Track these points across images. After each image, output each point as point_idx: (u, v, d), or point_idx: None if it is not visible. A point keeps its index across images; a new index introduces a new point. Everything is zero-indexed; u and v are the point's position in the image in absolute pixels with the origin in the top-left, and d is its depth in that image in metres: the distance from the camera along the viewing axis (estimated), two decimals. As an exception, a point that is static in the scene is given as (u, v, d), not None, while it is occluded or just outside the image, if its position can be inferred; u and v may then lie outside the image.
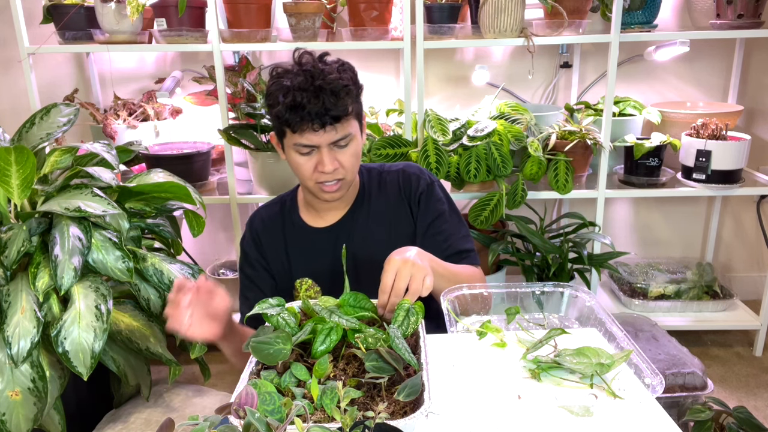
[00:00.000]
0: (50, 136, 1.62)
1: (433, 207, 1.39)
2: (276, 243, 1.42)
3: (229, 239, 2.78)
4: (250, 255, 1.43)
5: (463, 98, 2.57)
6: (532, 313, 1.20)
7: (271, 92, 1.24)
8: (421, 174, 1.42)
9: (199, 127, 2.54)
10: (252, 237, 1.44)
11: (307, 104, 1.18)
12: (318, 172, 1.27)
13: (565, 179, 2.14)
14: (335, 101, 1.20)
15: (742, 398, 2.16)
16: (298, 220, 1.42)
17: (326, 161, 1.25)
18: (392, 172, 1.44)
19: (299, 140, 1.24)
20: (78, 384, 1.55)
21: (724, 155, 2.14)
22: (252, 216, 1.47)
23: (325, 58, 1.27)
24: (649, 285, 2.47)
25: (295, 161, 1.29)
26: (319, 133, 1.22)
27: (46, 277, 1.41)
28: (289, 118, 1.21)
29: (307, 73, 1.21)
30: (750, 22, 2.12)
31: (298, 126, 1.21)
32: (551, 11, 2.13)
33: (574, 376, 0.96)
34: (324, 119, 1.20)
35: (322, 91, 1.19)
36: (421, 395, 0.82)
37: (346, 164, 1.28)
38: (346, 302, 1.03)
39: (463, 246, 1.39)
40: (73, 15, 2.13)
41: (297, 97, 1.19)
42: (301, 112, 1.19)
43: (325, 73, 1.21)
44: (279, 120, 1.24)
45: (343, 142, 1.26)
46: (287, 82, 1.21)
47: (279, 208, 1.46)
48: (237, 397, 0.75)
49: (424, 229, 1.39)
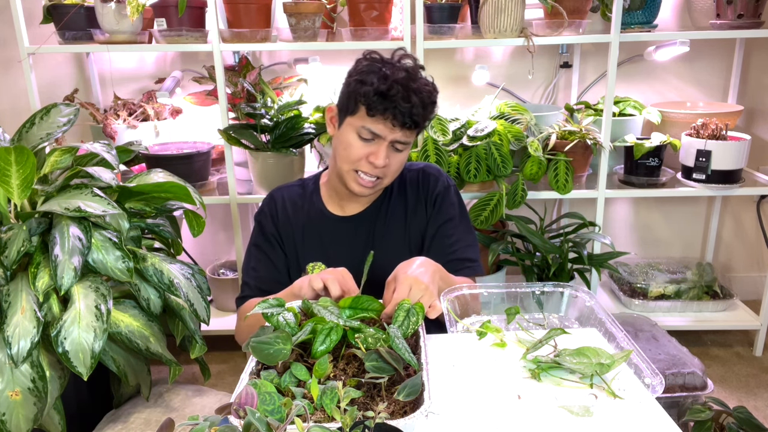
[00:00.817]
0: (50, 136, 1.61)
1: (445, 210, 1.42)
2: (293, 222, 1.43)
3: (229, 239, 2.78)
4: (266, 228, 1.44)
5: (463, 98, 2.57)
6: (532, 313, 1.20)
7: (364, 71, 1.27)
8: (440, 176, 1.46)
9: (199, 127, 2.54)
10: (270, 211, 1.45)
11: (399, 99, 1.23)
12: (366, 161, 1.30)
13: (565, 179, 2.14)
14: (422, 110, 1.26)
15: (742, 398, 2.16)
16: (319, 205, 1.45)
17: (381, 155, 1.29)
18: (413, 171, 1.47)
19: (370, 125, 1.27)
20: (78, 384, 1.55)
21: (724, 155, 2.14)
22: (271, 193, 1.49)
23: (420, 68, 1.32)
24: (649, 285, 2.47)
25: (348, 140, 1.31)
26: (394, 129, 1.27)
27: (46, 277, 1.41)
28: (375, 102, 1.24)
29: (408, 73, 1.27)
30: (750, 22, 2.12)
31: (379, 113, 1.25)
32: (551, 11, 2.13)
33: (574, 376, 0.96)
34: (405, 120, 1.25)
35: (415, 94, 1.24)
36: (421, 395, 0.82)
37: (393, 167, 1.33)
38: (346, 305, 1.03)
39: (467, 254, 1.40)
40: (73, 15, 2.13)
41: (392, 89, 1.23)
42: (388, 103, 1.24)
43: (420, 81, 1.27)
44: (362, 98, 1.26)
45: (401, 146, 1.31)
46: (387, 71, 1.25)
47: (301, 190, 1.48)
48: (237, 397, 0.75)
49: (434, 230, 1.41)
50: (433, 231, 1.41)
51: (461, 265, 1.38)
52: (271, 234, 1.43)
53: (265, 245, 1.43)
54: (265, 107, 2.13)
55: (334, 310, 0.99)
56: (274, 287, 1.31)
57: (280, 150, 2.11)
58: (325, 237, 1.42)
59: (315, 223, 1.43)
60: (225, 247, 2.80)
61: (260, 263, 1.43)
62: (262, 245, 1.43)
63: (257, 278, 1.41)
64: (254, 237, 1.46)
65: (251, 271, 1.44)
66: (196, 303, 1.59)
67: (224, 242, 2.79)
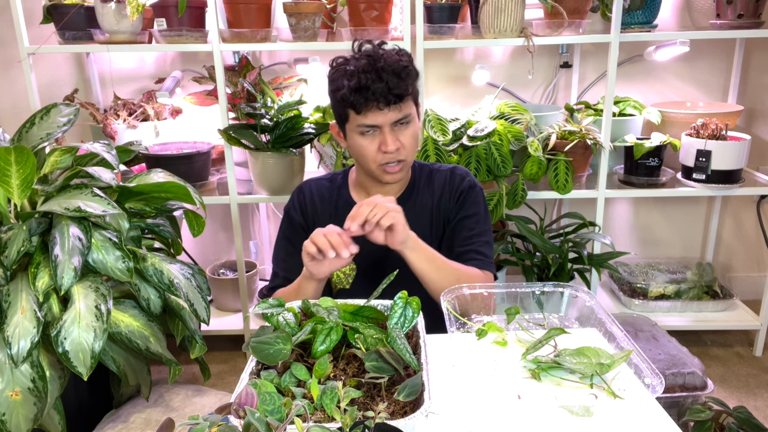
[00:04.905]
0: (50, 136, 1.62)
1: (468, 206, 1.44)
2: (322, 214, 1.46)
3: (229, 239, 2.78)
4: (295, 220, 1.47)
5: (463, 98, 2.57)
6: (532, 313, 1.20)
7: (335, 78, 1.31)
8: (467, 176, 1.48)
9: (199, 127, 2.54)
10: (300, 203, 1.48)
11: (372, 85, 1.25)
12: (381, 152, 1.33)
13: (565, 179, 2.14)
14: (397, 81, 1.27)
15: (742, 398, 2.16)
16: (348, 198, 1.47)
17: (389, 140, 1.31)
18: (442, 171, 1.50)
19: (363, 121, 1.30)
20: (78, 384, 1.55)
21: (724, 155, 2.14)
22: (300, 186, 1.51)
23: (383, 45, 1.34)
24: (649, 285, 2.47)
25: (358, 144, 1.34)
26: (384, 112, 1.29)
27: (46, 277, 1.41)
28: (355, 100, 1.27)
29: (369, 58, 1.28)
30: (750, 22, 2.12)
31: (363, 106, 1.28)
32: (551, 11, 2.13)
33: (574, 376, 0.96)
34: (388, 98, 1.27)
35: (384, 72, 1.26)
36: (421, 395, 0.82)
37: (407, 144, 1.34)
38: (348, 311, 1.03)
39: (481, 248, 1.41)
40: (73, 15, 2.13)
41: (362, 79, 1.25)
42: (365, 93, 1.26)
43: (385, 57, 1.29)
44: (344, 103, 1.30)
45: (404, 121, 1.33)
46: (351, 67, 1.28)
47: (330, 183, 1.51)
48: (237, 397, 0.75)
49: (454, 222, 1.44)
50: (453, 223, 1.44)
51: (473, 256, 1.40)
52: (300, 225, 1.46)
53: (293, 236, 1.46)
54: (265, 107, 2.13)
55: (334, 310, 0.99)
56: None
57: (280, 150, 2.11)
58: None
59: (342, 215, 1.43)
60: (225, 247, 2.80)
61: (288, 255, 1.45)
62: (291, 236, 1.46)
63: (286, 269, 1.44)
64: (283, 228, 1.49)
65: (280, 262, 1.46)
66: (196, 303, 1.59)
67: (224, 242, 2.79)
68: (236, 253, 2.33)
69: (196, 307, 1.58)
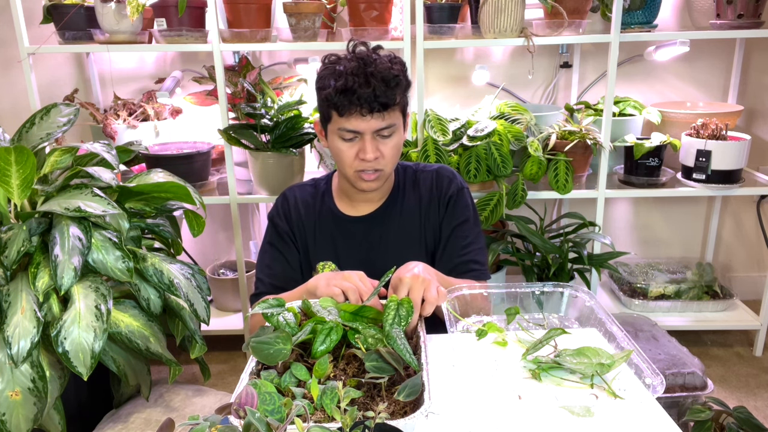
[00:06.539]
0: (50, 136, 1.61)
1: (459, 212, 1.42)
2: (305, 221, 1.44)
3: (229, 239, 2.78)
4: (279, 227, 1.45)
5: (463, 98, 2.57)
6: (532, 313, 1.20)
7: (323, 76, 1.28)
8: (454, 178, 1.46)
9: (199, 127, 2.54)
10: (283, 211, 1.46)
11: (358, 89, 1.22)
12: (359, 159, 1.30)
13: (565, 179, 2.14)
14: (385, 89, 1.23)
15: (742, 398, 2.16)
16: (331, 205, 1.45)
17: (368, 149, 1.28)
18: (427, 172, 1.47)
19: (345, 125, 1.27)
20: (78, 384, 1.55)
21: (724, 155, 2.14)
22: (284, 193, 1.49)
23: (378, 51, 1.31)
24: (649, 285, 2.47)
25: (337, 147, 1.31)
26: (366, 119, 1.25)
27: (46, 277, 1.41)
28: (338, 102, 1.24)
29: (361, 61, 1.25)
30: (750, 22, 2.12)
31: (346, 110, 1.24)
32: (551, 11, 2.13)
33: (574, 376, 0.96)
34: (372, 105, 1.24)
35: (373, 77, 1.23)
36: (421, 395, 0.82)
37: (386, 155, 1.31)
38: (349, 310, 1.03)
39: (477, 257, 1.41)
40: (73, 15, 2.13)
41: (349, 82, 1.22)
42: (350, 96, 1.23)
43: (377, 62, 1.25)
44: (327, 103, 1.27)
45: (386, 132, 1.29)
46: (340, 68, 1.25)
47: (313, 189, 1.49)
48: (237, 397, 0.75)
49: (448, 231, 1.41)
50: (447, 232, 1.42)
51: (469, 267, 1.39)
52: (285, 232, 1.44)
53: (278, 243, 1.44)
54: (265, 107, 2.13)
55: (333, 310, 0.99)
56: (288, 284, 1.32)
57: (280, 150, 2.11)
58: (336, 237, 1.43)
59: (327, 222, 1.44)
60: (225, 247, 2.80)
61: (274, 260, 1.44)
62: (276, 243, 1.45)
63: (271, 275, 1.43)
64: (268, 235, 1.48)
65: (265, 269, 1.45)
66: (196, 303, 1.59)
67: (224, 242, 2.79)
68: (236, 253, 2.33)
69: (196, 307, 1.58)
